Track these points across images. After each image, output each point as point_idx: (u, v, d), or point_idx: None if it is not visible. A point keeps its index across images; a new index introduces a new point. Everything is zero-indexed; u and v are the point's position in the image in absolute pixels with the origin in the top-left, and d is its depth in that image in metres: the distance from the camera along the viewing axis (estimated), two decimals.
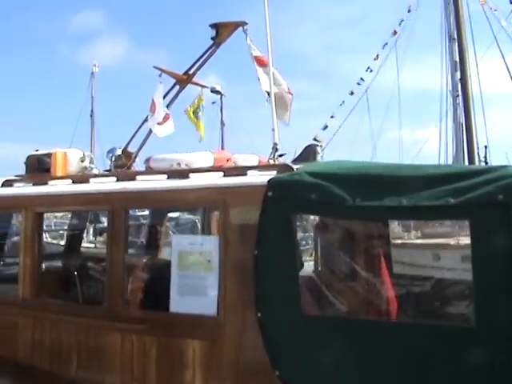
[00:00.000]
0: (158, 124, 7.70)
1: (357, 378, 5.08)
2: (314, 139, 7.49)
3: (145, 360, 6.20)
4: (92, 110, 49.89)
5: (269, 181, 5.45)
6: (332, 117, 30.53)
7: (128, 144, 8.24)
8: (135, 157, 8.05)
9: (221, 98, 38.58)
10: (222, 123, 41.96)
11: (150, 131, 8.03)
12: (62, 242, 16.34)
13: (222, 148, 33.55)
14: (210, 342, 5.86)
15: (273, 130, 6.97)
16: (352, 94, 30.44)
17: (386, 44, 31.24)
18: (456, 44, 26.13)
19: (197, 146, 8.34)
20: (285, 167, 5.98)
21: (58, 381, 6.77)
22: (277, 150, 6.88)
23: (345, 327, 5.30)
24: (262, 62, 7.60)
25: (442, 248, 16.43)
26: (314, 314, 5.64)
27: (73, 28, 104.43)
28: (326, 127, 29.84)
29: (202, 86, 8.70)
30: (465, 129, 25.61)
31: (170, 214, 11.30)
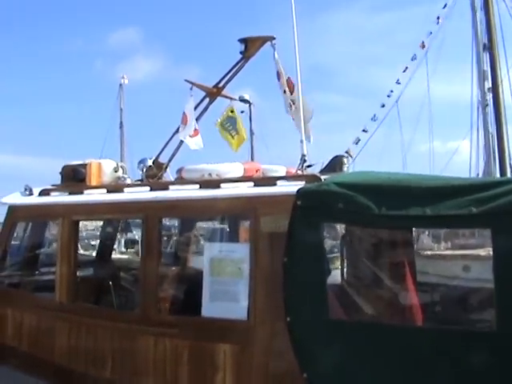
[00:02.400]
0: (190, 136, 7.98)
1: (383, 382, 5.26)
2: (346, 152, 7.69)
3: (177, 363, 6.46)
4: (121, 122, 50.28)
5: (298, 190, 5.67)
6: (364, 130, 30.55)
7: (159, 155, 8.52)
8: (166, 167, 8.34)
9: (249, 106, 38.81)
10: (252, 132, 42.21)
11: (181, 142, 8.28)
12: (94, 254, 16.73)
13: (252, 157, 33.73)
14: (241, 345, 6.10)
15: (301, 141, 7.13)
16: (383, 106, 30.43)
17: (415, 56, 31.24)
18: (486, 53, 26.10)
19: (225, 156, 8.58)
20: (313, 177, 6.21)
21: (93, 383, 7.05)
22: (305, 161, 7.03)
23: (370, 332, 5.45)
24: (289, 85, 7.78)
25: (472, 259, 16.38)
26: (340, 319, 5.79)
27: (110, 45, 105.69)
28: (358, 141, 29.87)
29: (231, 99, 8.95)
30: (496, 138, 25.52)
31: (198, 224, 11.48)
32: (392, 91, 31.04)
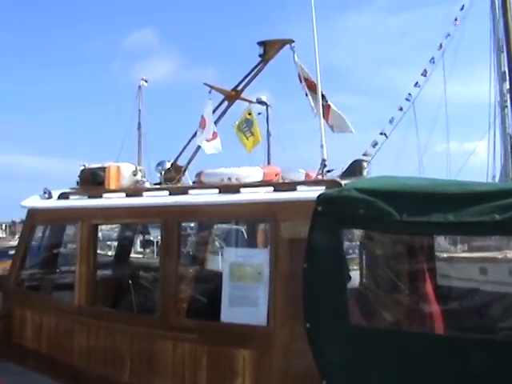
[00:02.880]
0: (207, 141, 7.97)
1: None
2: (364, 155, 7.67)
3: (195, 368, 6.47)
4: (139, 123, 50.65)
5: (318, 196, 5.66)
6: (381, 133, 30.48)
7: (177, 158, 8.53)
8: (184, 170, 8.35)
9: (266, 108, 38.98)
10: (269, 133, 42.35)
11: (199, 146, 8.31)
12: (110, 253, 16.79)
13: (269, 158, 33.79)
14: (260, 351, 6.10)
15: (321, 146, 7.15)
16: (401, 109, 30.36)
17: (433, 58, 31.13)
18: (505, 54, 25.94)
19: (243, 159, 8.57)
20: (333, 183, 6.18)
21: None
22: (325, 165, 7.05)
23: (391, 338, 5.43)
24: (310, 85, 7.79)
25: (489, 262, 16.28)
26: (360, 325, 5.75)
27: (127, 46, 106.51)
28: (375, 144, 29.82)
29: (250, 102, 8.95)
30: None
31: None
32: (410, 94, 30.91)
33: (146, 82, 50.12)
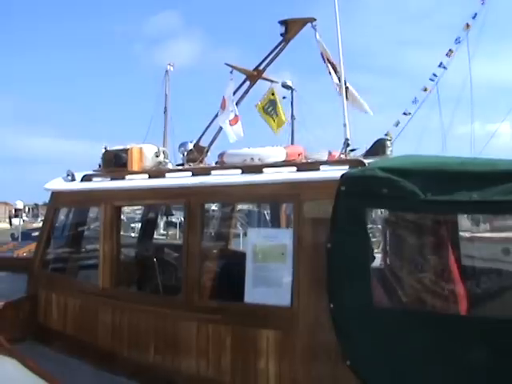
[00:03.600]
0: (230, 125, 7.94)
1: (427, 370, 5.24)
2: (386, 135, 7.61)
3: (220, 348, 6.51)
4: (165, 107, 51.04)
5: (342, 176, 5.63)
6: (405, 113, 30.21)
7: (200, 139, 8.57)
8: (207, 151, 8.38)
9: (291, 92, 38.88)
10: (293, 117, 42.28)
11: (221, 127, 8.31)
12: (133, 234, 16.90)
13: (292, 142, 33.80)
14: (284, 331, 6.13)
15: (344, 125, 7.11)
16: (425, 90, 30.04)
17: (459, 38, 30.71)
18: None
19: (265, 140, 8.56)
20: (356, 162, 6.17)
21: (136, 367, 7.10)
22: (348, 145, 7.00)
23: (415, 320, 5.43)
24: (332, 64, 7.75)
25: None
26: (384, 306, 5.76)
27: (149, 29, 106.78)
28: (398, 124, 29.57)
29: (272, 81, 8.91)
30: None
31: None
32: (435, 75, 30.54)
33: (172, 66, 50.41)
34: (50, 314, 8.33)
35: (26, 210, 63.19)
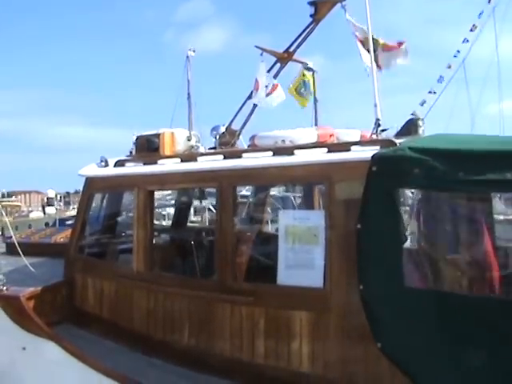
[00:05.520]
0: (267, 96, 8.03)
1: (459, 352, 5.29)
2: (412, 114, 7.59)
3: (253, 330, 6.65)
4: (188, 93, 51.19)
5: (373, 156, 5.70)
6: (430, 92, 29.63)
7: (232, 122, 8.64)
8: (239, 134, 8.45)
9: (313, 74, 38.74)
10: (315, 99, 42.13)
11: (253, 108, 8.39)
12: (164, 223, 17.10)
13: (316, 124, 33.62)
14: (317, 313, 6.23)
15: (375, 105, 7.13)
16: (449, 67, 29.37)
17: (482, 13, 29.96)
18: None
19: (292, 121, 8.59)
20: (388, 142, 6.18)
21: (171, 349, 7.27)
22: (379, 125, 7.04)
23: (448, 301, 5.48)
24: (361, 41, 7.78)
25: None
26: (415, 288, 5.77)
27: (180, 16, 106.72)
28: (423, 103, 28.98)
29: (302, 63, 8.96)
30: None
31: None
32: (459, 51, 29.84)
33: (193, 51, 50.56)
34: (86, 297, 8.53)
35: (58, 198, 63.87)
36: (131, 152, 8.66)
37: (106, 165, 8.54)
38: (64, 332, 7.82)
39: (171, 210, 23.15)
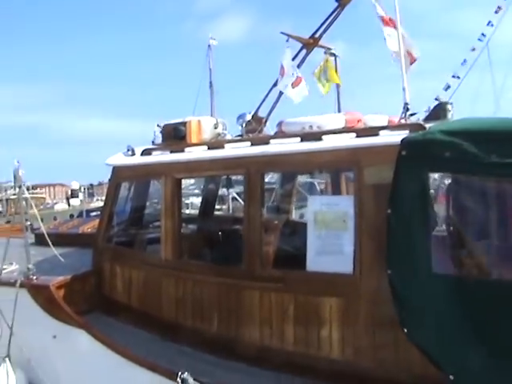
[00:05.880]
0: (292, 88, 8.03)
1: (487, 339, 5.23)
2: (436, 99, 7.53)
3: (283, 317, 6.65)
4: (211, 82, 51.50)
5: (402, 140, 5.65)
6: (454, 76, 29.32)
7: (258, 109, 8.63)
8: (265, 121, 8.45)
9: (335, 59, 38.69)
10: (338, 84, 42.09)
11: (280, 95, 8.39)
12: (187, 211, 17.15)
13: (339, 109, 33.60)
14: (347, 299, 6.23)
15: (403, 89, 7.06)
16: (473, 50, 28.98)
17: None
18: None
19: (318, 109, 8.58)
20: (417, 126, 6.12)
21: (200, 336, 7.31)
22: (408, 109, 6.96)
23: (477, 287, 5.44)
24: (388, 23, 7.73)
25: None
26: (445, 273, 5.74)
27: (200, 6, 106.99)
28: (448, 87, 28.71)
29: (328, 49, 8.94)
30: None
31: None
32: (484, 34, 29.45)
33: (214, 40, 50.81)
34: (115, 286, 8.60)
35: (82, 190, 64.56)
36: (153, 142, 8.71)
37: (133, 154, 8.59)
38: (93, 320, 7.90)
39: (194, 200, 23.32)
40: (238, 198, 24.02)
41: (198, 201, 23.05)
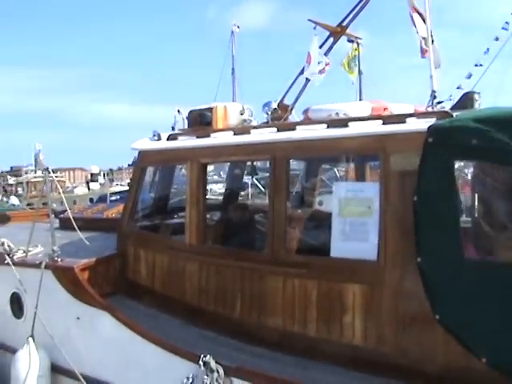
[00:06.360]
0: (319, 74, 8.07)
1: None
2: (458, 88, 7.54)
3: (306, 303, 6.69)
4: (233, 68, 51.74)
5: (429, 127, 5.66)
6: (476, 65, 28.96)
7: (284, 97, 8.69)
8: (291, 109, 8.50)
9: (358, 47, 38.49)
10: (360, 72, 41.92)
11: (306, 83, 8.43)
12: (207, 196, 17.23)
13: (360, 97, 33.46)
14: (370, 286, 6.25)
15: (431, 76, 7.07)
16: (497, 39, 28.61)
17: None
18: None
19: (341, 97, 8.62)
20: (444, 114, 6.10)
21: (223, 322, 7.38)
22: (435, 97, 6.96)
23: (508, 274, 5.41)
24: (415, 10, 7.72)
25: None
26: (475, 260, 5.77)
27: None
28: (470, 76, 28.36)
29: (356, 37, 8.95)
30: None
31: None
32: (507, 23, 29.03)
33: (238, 27, 51.02)
34: (139, 270, 8.70)
35: (101, 174, 65.02)
36: (173, 127, 8.79)
37: (159, 139, 8.65)
38: (116, 303, 7.99)
39: (213, 186, 23.43)
40: (258, 184, 24.08)
41: (216, 187, 23.23)
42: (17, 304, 8.78)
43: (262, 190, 24.09)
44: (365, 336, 6.31)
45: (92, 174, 65.91)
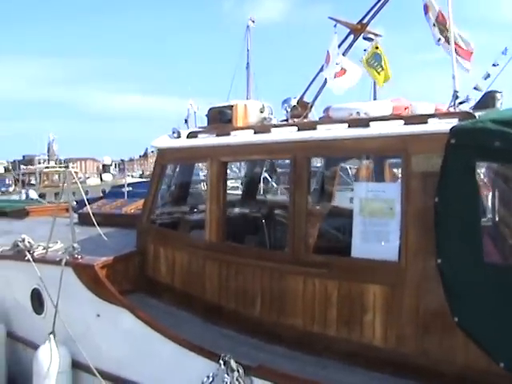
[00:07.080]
0: (334, 78, 8.08)
1: None
2: (475, 88, 7.52)
3: (326, 303, 6.73)
4: (248, 63, 51.80)
5: (451, 128, 5.64)
6: (494, 65, 28.79)
7: (304, 94, 8.70)
8: (311, 106, 8.50)
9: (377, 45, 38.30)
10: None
11: (325, 82, 8.40)
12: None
13: (375, 95, 33.27)
14: (391, 286, 6.27)
15: (453, 76, 7.05)
16: None
17: None
18: None
19: (354, 95, 8.59)
20: (466, 114, 6.12)
21: (243, 320, 7.43)
22: (457, 97, 6.94)
23: None
24: (441, 18, 7.71)
25: None
26: (496, 263, 5.77)
27: None
28: (488, 76, 28.25)
29: (376, 35, 8.95)
30: None
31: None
32: None
33: (253, 22, 51.09)
34: (158, 267, 8.78)
35: (113, 165, 65.18)
36: (186, 120, 8.84)
37: (179, 136, 8.70)
38: (136, 300, 8.08)
39: (228, 183, 23.51)
40: (269, 179, 24.08)
41: (228, 182, 23.31)
42: (37, 300, 8.92)
43: (274, 185, 24.16)
44: (385, 336, 6.35)
45: (104, 165, 66.16)
